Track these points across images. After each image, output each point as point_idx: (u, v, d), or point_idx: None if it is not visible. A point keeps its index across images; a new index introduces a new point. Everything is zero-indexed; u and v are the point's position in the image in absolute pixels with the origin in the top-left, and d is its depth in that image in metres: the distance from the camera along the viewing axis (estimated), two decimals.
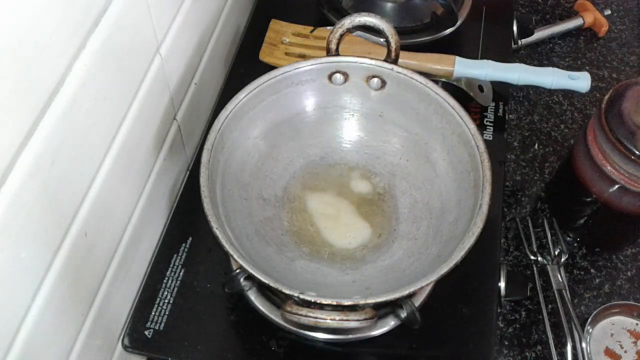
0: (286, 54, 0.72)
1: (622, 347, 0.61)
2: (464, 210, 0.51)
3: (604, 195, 0.62)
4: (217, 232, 0.46)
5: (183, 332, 0.54)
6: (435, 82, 0.57)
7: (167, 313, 0.55)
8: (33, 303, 0.40)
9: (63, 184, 0.41)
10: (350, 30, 0.56)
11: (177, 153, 0.62)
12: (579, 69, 0.82)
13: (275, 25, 0.74)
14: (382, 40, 0.69)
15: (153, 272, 0.57)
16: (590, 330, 0.62)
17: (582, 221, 0.68)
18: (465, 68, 0.66)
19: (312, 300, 0.42)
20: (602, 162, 0.59)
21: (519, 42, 0.82)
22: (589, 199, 0.64)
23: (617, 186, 0.60)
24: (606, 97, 0.60)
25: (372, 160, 0.60)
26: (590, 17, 0.87)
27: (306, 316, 0.42)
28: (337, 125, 0.60)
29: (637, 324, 0.63)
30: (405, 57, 0.66)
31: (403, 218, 0.56)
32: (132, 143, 0.51)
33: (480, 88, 0.68)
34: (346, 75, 0.58)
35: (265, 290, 0.54)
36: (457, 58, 0.66)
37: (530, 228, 0.67)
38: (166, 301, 0.55)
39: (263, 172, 0.57)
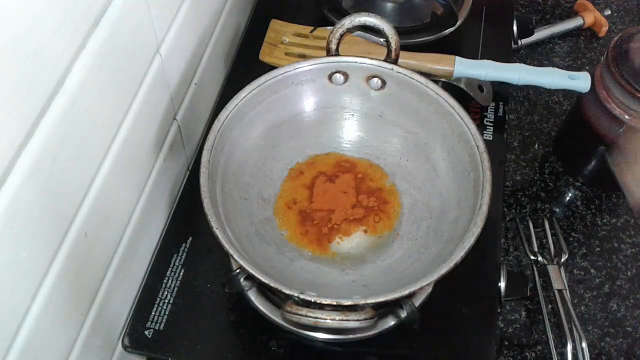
0: (286, 54, 0.72)
1: None
2: (464, 210, 0.51)
3: (612, 137, 0.64)
4: (217, 232, 0.46)
5: (183, 332, 0.54)
6: (435, 82, 0.57)
7: (167, 313, 0.55)
8: (33, 303, 0.40)
9: (63, 184, 0.41)
10: (350, 30, 0.56)
11: (177, 153, 0.62)
12: (579, 69, 0.82)
13: (275, 25, 0.74)
14: (382, 40, 0.69)
15: (153, 272, 0.57)
16: None
17: (591, 166, 0.70)
18: (465, 68, 0.66)
19: (312, 300, 0.42)
20: (610, 104, 0.62)
21: (519, 42, 0.82)
22: (598, 143, 0.66)
23: (625, 127, 0.62)
24: (614, 40, 0.62)
25: (372, 160, 0.60)
26: (590, 17, 0.87)
27: (306, 316, 0.42)
28: (337, 125, 0.60)
29: None
30: (405, 57, 0.66)
31: (403, 218, 0.56)
32: (132, 143, 0.51)
33: (480, 88, 0.68)
34: (346, 75, 0.58)
35: (265, 290, 0.54)
36: (457, 58, 0.66)
37: (531, 228, 0.67)
38: (166, 301, 0.55)
39: (263, 172, 0.57)
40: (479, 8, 0.77)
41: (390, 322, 0.52)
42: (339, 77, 0.58)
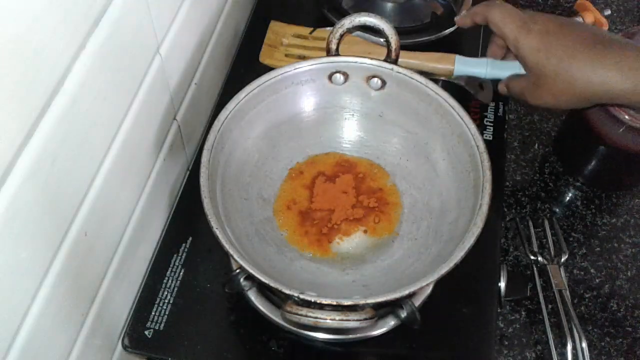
0: (286, 55, 0.72)
1: None
2: (464, 210, 0.51)
3: (612, 137, 0.64)
4: (217, 232, 0.46)
5: (183, 332, 0.54)
6: (435, 82, 0.57)
7: (167, 313, 0.55)
8: (33, 303, 0.40)
9: (63, 184, 0.41)
10: (350, 30, 0.56)
11: (177, 153, 0.62)
12: None
13: (275, 26, 0.74)
14: (382, 40, 0.69)
15: (153, 272, 0.57)
16: None
17: (591, 165, 0.70)
18: (466, 66, 0.65)
19: (312, 300, 0.42)
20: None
21: None
22: (598, 142, 0.66)
23: (625, 127, 0.62)
24: None
25: (372, 160, 0.60)
26: (590, 17, 0.87)
27: (306, 316, 0.42)
28: (337, 125, 0.60)
29: None
30: (405, 57, 0.66)
31: (403, 218, 0.56)
32: (132, 143, 0.51)
33: (481, 86, 0.68)
34: (346, 75, 0.58)
35: (265, 290, 0.54)
36: (457, 56, 0.66)
37: (531, 228, 0.67)
38: (166, 301, 0.55)
39: (263, 172, 0.57)
40: None
41: (390, 322, 0.52)
42: (339, 77, 0.58)
